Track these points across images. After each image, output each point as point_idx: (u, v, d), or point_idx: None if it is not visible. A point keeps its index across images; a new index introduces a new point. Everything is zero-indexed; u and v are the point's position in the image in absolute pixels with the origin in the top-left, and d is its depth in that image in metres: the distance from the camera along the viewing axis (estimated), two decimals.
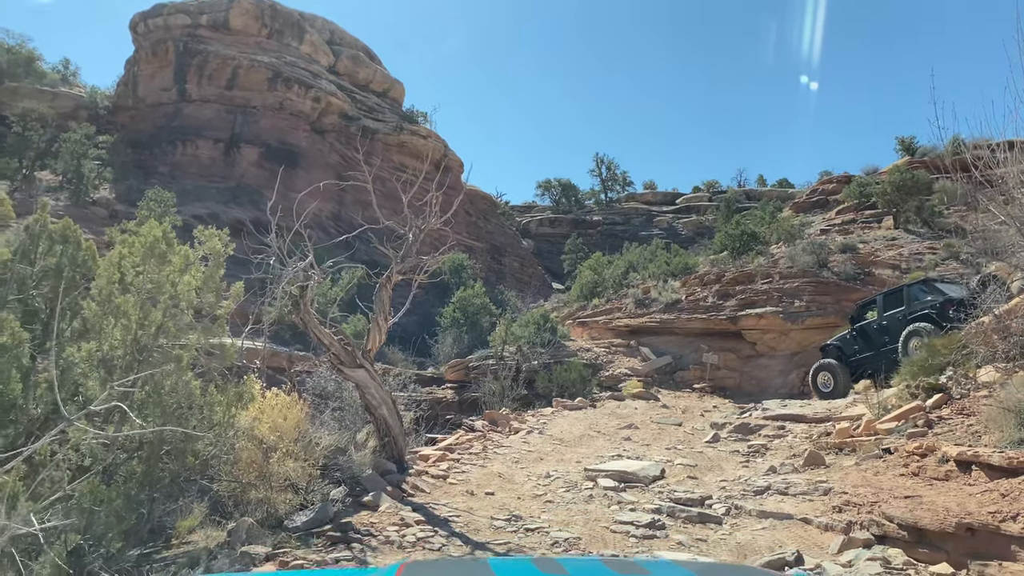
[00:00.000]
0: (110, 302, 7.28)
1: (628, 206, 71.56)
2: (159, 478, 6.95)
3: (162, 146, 52.55)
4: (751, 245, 29.52)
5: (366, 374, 9.32)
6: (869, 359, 15.09)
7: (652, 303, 28.09)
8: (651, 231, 62.30)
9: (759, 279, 25.13)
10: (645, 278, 31.49)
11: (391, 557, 6.22)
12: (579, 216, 71.68)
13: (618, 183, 74.99)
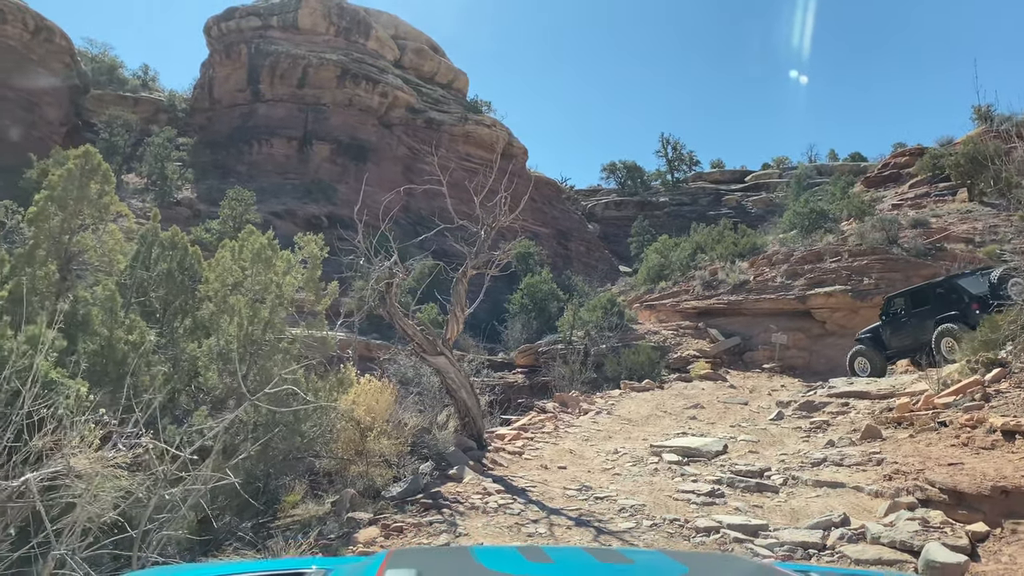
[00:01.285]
0: (225, 302, 8.31)
1: (695, 186, 70.90)
2: (272, 456, 7.95)
3: (239, 146, 54.58)
4: (820, 223, 29.39)
5: (446, 360, 10.20)
6: (900, 349, 16.14)
7: (720, 285, 28.30)
8: (719, 211, 61.73)
9: (828, 257, 25.12)
10: (713, 259, 31.64)
11: (477, 521, 7.08)
12: (645, 198, 71.35)
13: (684, 163, 74.37)
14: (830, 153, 65.56)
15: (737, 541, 6.27)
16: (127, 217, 10.02)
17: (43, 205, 8.32)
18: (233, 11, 60.23)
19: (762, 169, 68.29)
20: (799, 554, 5.96)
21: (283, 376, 7.30)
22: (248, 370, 8.07)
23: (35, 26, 51.04)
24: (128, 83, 71.06)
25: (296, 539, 6.28)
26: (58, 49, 53.61)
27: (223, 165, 53.41)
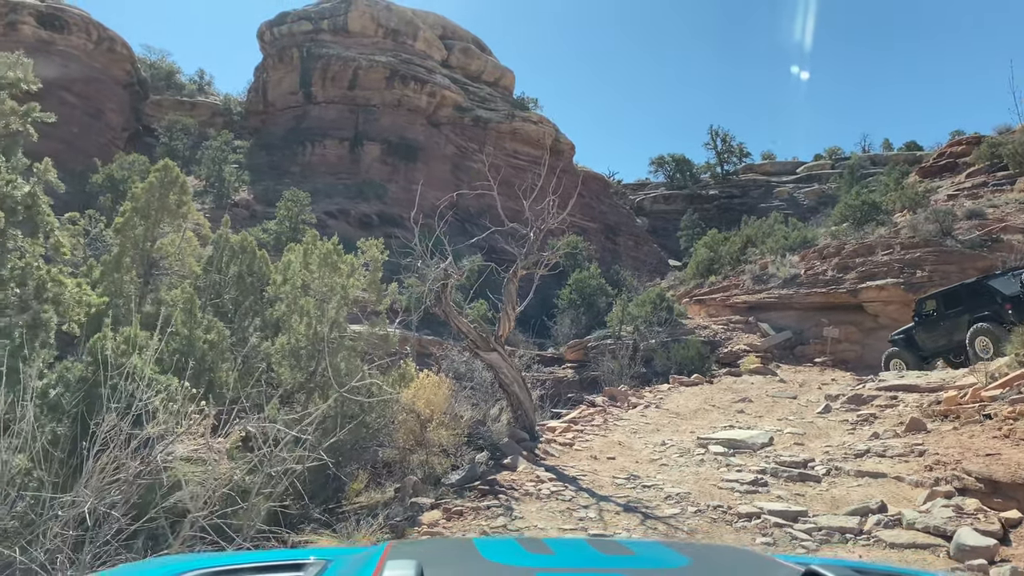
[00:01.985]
0: (295, 303, 8.93)
1: (746, 178, 70.16)
2: (340, 446, 8.53)
3: (292, 147, 55.89)
4: (872, 215, 29.10)
5: (499, 356, 10.70)
6: (934, 349, 16.53)
7: (770, 279, 28.26)
8: (771, 203, 61.07)
9: (879, 250, 24.93)
10: (764, 253, 31.56)
11: (531, 506, 7.56)
12: (694, 191, 70.87)
13: (734, 155, 73.64)
14: (884, 143, 64.29)
15: (777, 526, 6.63)
16: (202, 225, 10.74)
17: (128, 216, 9.05)
18: (285, 16, 61.66)
19: (814, 160, 67.25)
20: (836, 538, 6.29)
21: (366, 372, 7.87)
22: (317, 366, 8.68)
23: (98, 36, 53.05)
24: (185, 88, 73.30)
25: (367, 520, 6.83)
26: (119, 57, 55.61)
27: (278, 166, 54.77)
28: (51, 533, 4.39)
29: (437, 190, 55.13)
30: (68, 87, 49.47)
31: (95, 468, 4.43)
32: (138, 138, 56.39)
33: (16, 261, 6.17)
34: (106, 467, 4.45)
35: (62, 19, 50.72)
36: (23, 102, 6.50)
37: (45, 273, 6.26)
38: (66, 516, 4.39)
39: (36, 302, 6.14)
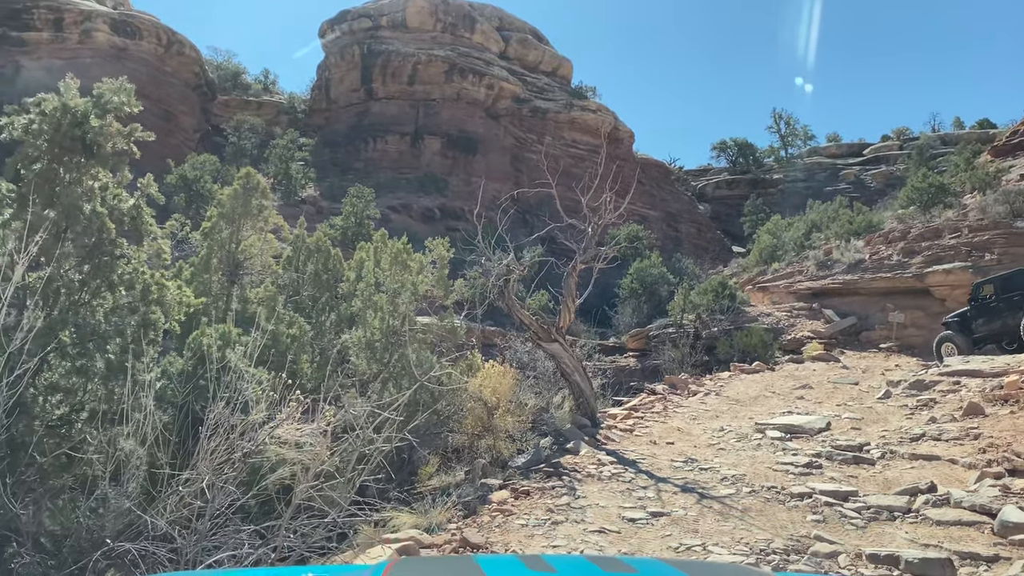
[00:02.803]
0: (370, 299, 9.57)
1: (810, 161, 68.75)
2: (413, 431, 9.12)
3: (355, 143, 57.15)
4: (939, 198, 28.48)
5: (560, 347, 11.17)
6: (988, 334, 16.44)
7: (834, 264, 27.98)
8: (836, 186, 59.83)
9: (947, 233, 24.49)
10: (829, 238, 31.20)
11: (593, 486, 8.02)
12: (758, 176, 69.84)
13: (798, 138, 72.30)
14: (955, 121, 62.03)
15: (827, 505, 6.94)
16: (282, 227, 11.48)
17: (215, 221, 9.82)
18: (345, 14, 62.90)
19: (881, 141, 65.43)
20: (884, 516, 6.57)
21: (436, 362, 8.45)
22: (390, 357, 9.29)
23: (167, 40, 55.12)
24: (251, 88, 75.41)
25: (441, 499, 7.40)
26: (188, 60, 57.68)
27: (341, 163, 56.11)
28: (171, 506, 5.05)
29: (497, 182, 55.83)
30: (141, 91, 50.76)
31: (208, 449, 5.08)
32: (208, 138, 58.43)
33: (125, 267, 6.91)
34: (218, 448, 5.09)
35: (133, 25, 52.86)
36: (126, 123, 7.24)
37: (149, 277, 6.98)
38: (185, 491, 5.05)
39: (143, 304, 6.86)
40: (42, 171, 6.86)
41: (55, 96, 6.84)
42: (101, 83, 7.06)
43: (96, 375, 6.40)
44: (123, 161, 7.08)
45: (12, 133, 6.76)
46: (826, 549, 5.74)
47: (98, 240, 6.86)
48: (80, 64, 49.22)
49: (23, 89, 47.24)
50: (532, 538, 6.25)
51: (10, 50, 48.90)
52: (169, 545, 4.83)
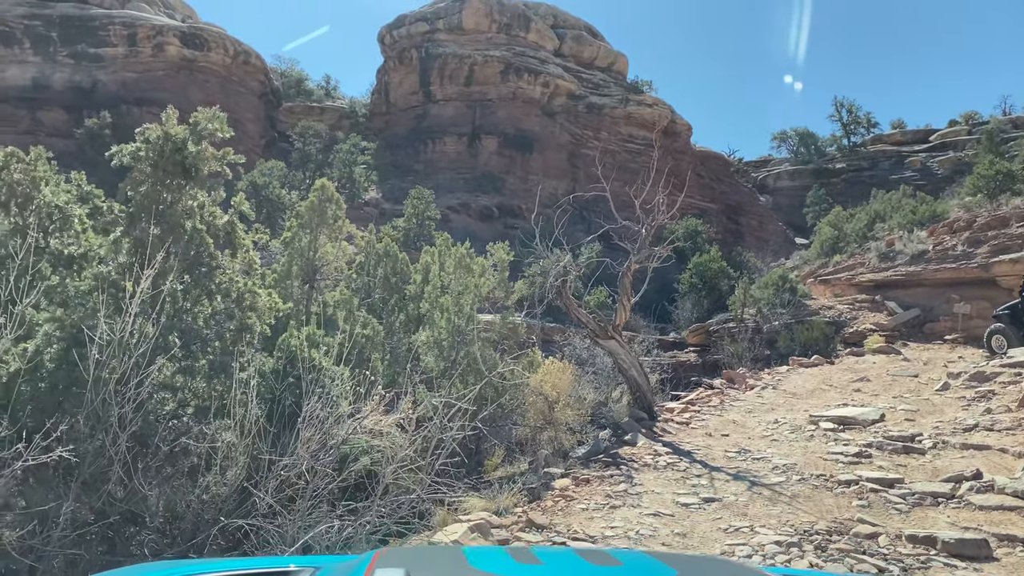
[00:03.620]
0: (436, 301, 10.24)
1: (874, 149, 67.26)
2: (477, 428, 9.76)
3: (415, 145, 58.30)
4: (1007, 185, 27.86)
5: (617, 344, 11.66)
6: None
7: (896, 256, 27.67)
8: (902, 174, 58.49)
9: (1014, 222, 24.03)
10: (892, 228, 30.81)
11: (649, 475, 8.53)
12: (820, 165, 68.64)
13: (861, 125, 70.69)
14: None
15: (873, 491, 7.30)
16: (355, 235, 12.27)
17: (295, 231, 10.63)
18: (403, 18, 64.12)
19: (949, 127, 63.55)
20: (928, 502, 6.92)
21: (499, 359, 9.08)
22: (456, 354, 9.95)
23: (234, 51, 57.13)
24: (314, 94, 77.50)
25: (508, 486, 8.00)
26: (254, 69, 59.69)
27: (402, 165, 57.32)
28: (272, 489, 5.76)
29: (554, 179, 56.31)
30: (210, 101, 53.36)
31: (306, 438, 5.78)
32: (274, 144, 60.37)
33: (221, 277, 7.70)
34: (312, 437, 5.78)
35: (202, 38, 54.95)
36: (219, 147, 8.04)
37: (243, 285, 7.76)
38: (285, 474, 5.76)
39: (238, 310, 7.64)
40: (147, 193, 7.70)
41: (157, 125, 7.67)
42: (198, 111, 7.88)
43: (200, 374, 7.20)
44: (218, 182, 7.89)
45: (122, 160, 7.61)
46: (867, 531, 6.15)
47: (197, 253, 7.67)
48: (152, 77, 51.61)
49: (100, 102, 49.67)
50: (592, 520, 6.81)
51: (88, 66, 51.46)
52: (275, 521, 5.54)
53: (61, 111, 49.33)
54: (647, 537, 6.21)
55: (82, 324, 6.53)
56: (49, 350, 6.53)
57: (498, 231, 48.47)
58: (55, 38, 50.68)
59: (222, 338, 7.43)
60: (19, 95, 49.30)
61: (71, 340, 6.56)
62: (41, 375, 6.38)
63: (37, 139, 47.67)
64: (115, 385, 5.74)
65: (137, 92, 50.55)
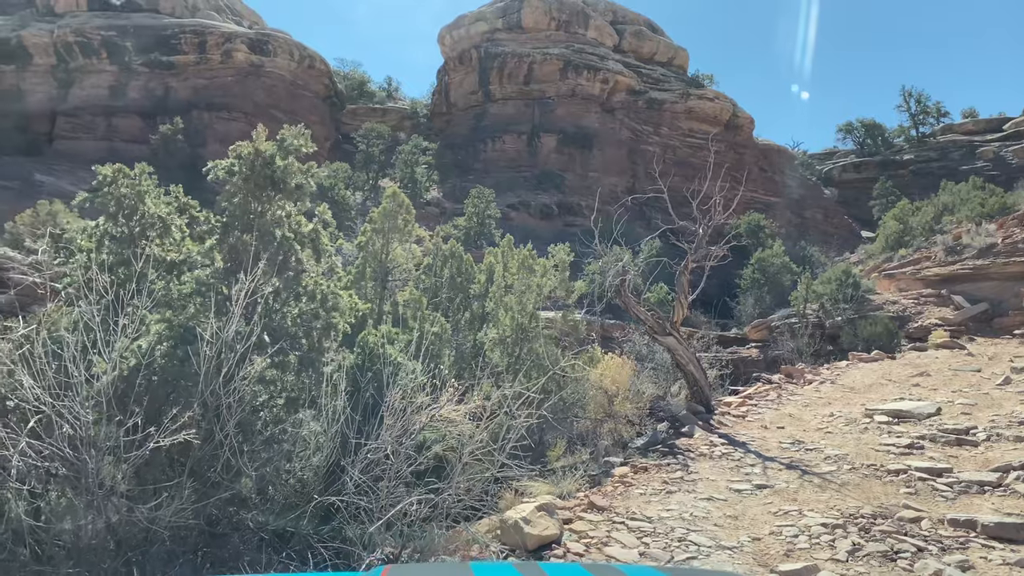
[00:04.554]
0: (500, 300, 10.86)
1: (944, 139, 65.43)
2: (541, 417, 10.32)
3: (475, 145, 59.14)
4: None
5: (674, 340, 12.09)
6: None
7: (964, 249, 27.21)
8: (973, 164, 56.86)
9: None
10: (959, 221, 30.26)
11: (704, 464, 8.98)
12: (887, 157, 67.13)
13: (931, 115, 68.83)
14: None
15: (920, 479, 7.61)
16: (424, 239, 12.99)
17: (370, 236, 11.39)
18: (463, 19, 65.04)
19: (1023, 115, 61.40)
20: (974, 489, 7.21)
21: (561, 355, 9.65)
22: (520, 351, 10.55)
23: (299, 55, 58.82)
24: (376, 96, 79.14)
25: (570, 472, 8.56)
26: (318, 73, 61.36)
27: (462, 164, 58.25)
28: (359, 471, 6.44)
29: (614, 175, 56.50)
30: (277, 105, 55.62)
31: (389, 425, 6.45)
32: (338, 146, 62.01)
33: (308, 280, 8.45)
34: (394, 424, 6.44)
35: (269, 43, 56.81)
36: (304, 161, 8.80)
37: (326, 288, 8.49)
38: (370, 458, 6.43)
39: (323, 310, 8.37)
40: (240, 204, 8.49)
41: (249, 143, 8.45)
42: (284, 129, 8.63)
43: (290, 369, 7.94)
44: (303, 193, 8.63)
45: (218, 174, 8.42)
46: (911, 515, 6.51)
47: (285, 259, 8.43)
48: (222, 82, 53.69)
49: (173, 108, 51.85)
50: (649, 504, 7.32)
51: (161, 73, 53.78)
52: (363, 499, 6.22)
53: (136, 117, 51.78)
54: (700, 519, 6.70)
55: (188, 324, 7.33)
56: (159, 348, 7.34)
57: (558, 229, 49.00)
58: (130, 48, 53.06)
59: (309, 336, 8.17)
60: (97, 103, 51.94)
61: (178, 338, 7.37)
62: (153, 369, 7.19)
63: (114, 145, 50.27)
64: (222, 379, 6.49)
65: (207, 97, 52.71)
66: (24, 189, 41.01)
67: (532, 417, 6.73)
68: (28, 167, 44.51)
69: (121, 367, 6.72)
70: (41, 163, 46.22)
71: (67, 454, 6.07)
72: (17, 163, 44.12)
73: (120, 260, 8.47)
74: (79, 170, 46.52)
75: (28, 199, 36.78)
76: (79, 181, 44.97)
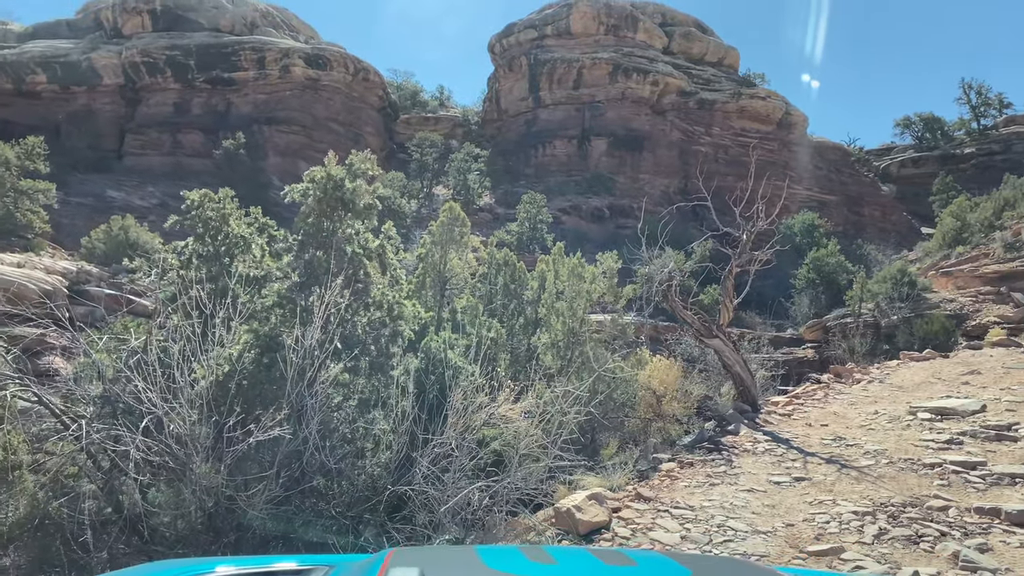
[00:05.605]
0: (552, 306, 11.52)
1: (1008, 131, 63.67)
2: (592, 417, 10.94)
3: (526, 150, 59.88)
4: None
5: (720, 342, 12.58)
6: None
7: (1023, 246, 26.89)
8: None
9: None
10: (1021, 216, 29.80)
11: (747, 459, 9.48)
12: (947, 151, 65.66)
13: (992, 107, 67.07)
14: None
15: (954, 472, 7.99)
16: (479, 249, 13.73)
17: (429, 247, 12.18)
18: (512, 27, 65.84)
19: None
20: (1005, 481, 7.57)
21: (613, 359, 10.28)
22: (571, 353, 11.19)
23: (354, 68, 60.34)
24: (428, 105, 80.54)
25: (621, 467, 9.17)
26: (372, 84, 62.85)
27: (513, 170, 59.00)
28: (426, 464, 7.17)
29: (665, 177, 56.65)
30: (334, 118, 57.36)
31: (453, 423, 7.17)
32: (393, 155, 63.41)
33: (376, 291, 9.26)
34: (457, 422, 7.15)
35: (324, 57, 58.44)
36: (370, 182, 9.61)
37: (392, 298, 9.27)
38: (437, 451, 7.16)
39: (389, 319, 9.15)
40: (313, 223, 9.34)
41: (321, 168, 9.30)
42: (353, 154, 9.47)
43: (362, 373, 8.74)
44: (371, 212, 9.44)
45: (293, 197, 9.29)
46: (940, 504, 6.94)
47: (355, 272, 9.24)
48: (280, 97, 55.55)
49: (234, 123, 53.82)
50: (692, 495, 7.89)
51: (223, 90, 55.95)
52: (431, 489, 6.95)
53: (199, 133, 53.95)
54: (739, 507, 7.25)
55: (272, 333, 8.19)
56: (247, 355, 8.20)
57: (609, 231, 49.38)
58: (192, 66, 55.28)
59: (377, 342, 8.96)
60: (163, 120, 54.34)
61: (264, 347, 8.22)
62: (243, 374, 8.06)
63: (179, 160, 52.55)
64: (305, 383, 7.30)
65: (267, 112, 54.62)
66: (97, 205, 43.12)
67: (580, 414, 7.35)
68: (100, 184, 46.80)
69: (217, 373, 7.58)
70: (111, 179, 48.52)
71: (174, 450, 6.96)
72: (90, 180, 46.42)
73: (208, 276, 9.39)
74: (147, 185, 48.84)
75: (101, 214, 38.79)
76: (147, 196, 47.23)
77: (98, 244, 34.26)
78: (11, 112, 52.02)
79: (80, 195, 43.31)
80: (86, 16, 60.20)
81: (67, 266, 32.23)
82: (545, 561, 2.33)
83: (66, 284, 29.97)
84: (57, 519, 7.31)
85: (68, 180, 41.68)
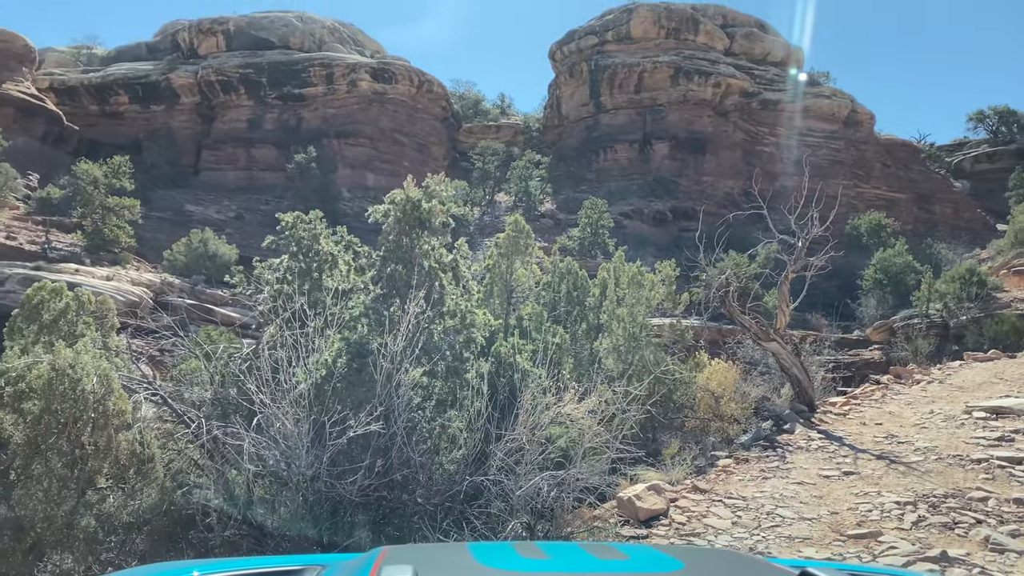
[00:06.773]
0: (613, 312, 12.23)
1: None
2: (654, 419, 11.60)
3: (587, 156, 60.35)
4: None
5: (777, 345, 13.08)
6: None
7: None
8: None
9: None
10: None
11: (800, 456, 10.02)
12: None
13: None
14: None
15: (999, 467, 8.40)
16: (543, 259, 14.54)
17: (496, 259, 13.05)
18: (572, 34, 66.37)
19: None
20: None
21: (670, 363, 10.96)
22: (632, 357, 11.88)
23: (418, 81, 61.84)
24: (490, 113, 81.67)
25: (680, 463, 9.83)
26: (436, 96, 64.29)
27: (574, 175, 59.53)
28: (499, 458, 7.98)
29: (728, 179, 56.45)
30: (399, 129, 58.99)
31: (523, 421, 7.97)
32: (455, 164, 64.65)
33: (450, 301, 10.15)
34: (527, 419, 7.94)
35: (390, 71, 60.12)
36: (444, 203, 10.52)
37: (465, 307, 10.14)
38: (509, 446, 7.96)
39: (463, 326, 10.01)
40: (394, 240, 10.29)
41: (401, 190, 10.24)
42: (429, 177, 10.41)
43: (439, 376, 9.62)
44: (445, 229, 10.35)
45: (376, 217, 10.27)
46: (980, 495, 7.41)
47: (431, 284, 10.15)
48: (348, 111, 57.44)
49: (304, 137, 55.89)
50: (746, 487, 8.50)
51: (293, 105, 58.19)
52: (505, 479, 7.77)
53: (272, 148, 56.23)
54: (788, 498, 7.84)
55: (361, 340, 9.14)
56: (340, 360, 9.17)
57: (671, 234, 49.55)
58: (264, 83, 57.65)
59: (452, 348, 9.83)
60: (237, 136, 56.89)
61: (354, 353, 9.17)
62: (337, 377, 9.02)
63: (252, 174, 54.90)
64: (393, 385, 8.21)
65: (336, 126, 56.57)
66: (177, 219, 45.45)
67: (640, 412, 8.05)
68: (179, 198, 49.29)
69: (316, 376, 8.54)
70: (189, 194, 51.02)
71: (281, 444, 7.94)
72: (169, 195, 48.93)
73: (301, 290, 10.42)
74: (223, 199, 51.23)
75: (181, 228, 41.00)
76: (224, 209, 49.53)
77: (179, 256, 36.31)
78: (96, 132, 55.31)
79: (160, 210, 45.75)
80: (164, 38, 63.36)
81: (151, 278, 34.35)
82: (536, 556, 2.39)
83: (151, 295, 32.01)
84: (181, 506, 8.39)
85: (150, 196, 44.10)
